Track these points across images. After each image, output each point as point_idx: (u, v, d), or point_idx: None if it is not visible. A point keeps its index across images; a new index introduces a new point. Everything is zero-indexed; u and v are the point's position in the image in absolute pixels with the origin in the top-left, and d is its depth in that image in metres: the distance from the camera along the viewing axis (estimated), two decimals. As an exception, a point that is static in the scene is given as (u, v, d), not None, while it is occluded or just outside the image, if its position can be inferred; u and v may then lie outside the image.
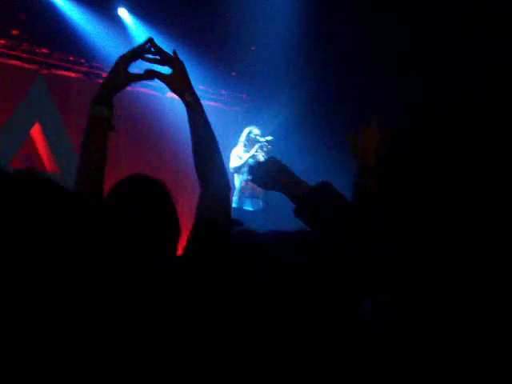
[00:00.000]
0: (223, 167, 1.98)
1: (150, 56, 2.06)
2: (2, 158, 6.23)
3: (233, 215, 2.19)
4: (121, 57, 2.04)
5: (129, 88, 2.09)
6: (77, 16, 7.29)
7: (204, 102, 2.08)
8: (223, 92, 8.85)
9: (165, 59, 2.04)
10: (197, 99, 2.01)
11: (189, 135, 1.96)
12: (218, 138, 2.04)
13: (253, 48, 8.41)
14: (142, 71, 2.06)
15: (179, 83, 2.01)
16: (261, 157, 6.79)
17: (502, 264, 0.95)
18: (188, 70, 2.03)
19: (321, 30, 7.67)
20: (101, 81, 7.54)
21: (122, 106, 4.52)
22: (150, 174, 1.86)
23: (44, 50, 7.29)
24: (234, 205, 6.37)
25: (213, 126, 2.04)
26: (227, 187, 1.96)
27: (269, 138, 7.00)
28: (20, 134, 7.11)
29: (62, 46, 7.37)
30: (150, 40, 2.04)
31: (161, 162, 8.22)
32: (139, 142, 7.98)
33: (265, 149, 6.89)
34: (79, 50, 7.46)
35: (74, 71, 7.63)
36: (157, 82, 2.11)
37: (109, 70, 7.48)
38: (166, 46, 2.05)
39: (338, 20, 7.53)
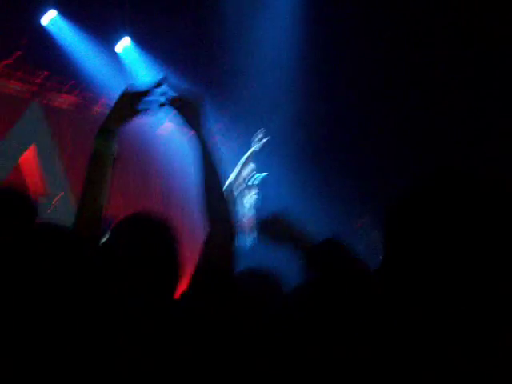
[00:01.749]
0: (230, 209, 1.91)
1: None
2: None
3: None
4: (128, 89, 1.95)
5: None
6: (77, 45, 7.35)
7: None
8: (219, 125, 8.87)
9: (180, 96, 1.96)
10: (210, 135, 1.95)
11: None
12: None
13: (251, 86, 8.48)
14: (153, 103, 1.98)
15: (192, 118, 1.95)
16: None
17: None
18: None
19: (318, 71, 7.76)
20: (96, 109, 7.72)
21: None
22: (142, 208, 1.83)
23: (42, 76, 7.31)
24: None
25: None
26: (233, 233, 1.89)
27: (263, 174, 6.96)
28: (11, 157, 7.08)
29: (60, 73, 7.42)
30: (165, 79, 1.96)
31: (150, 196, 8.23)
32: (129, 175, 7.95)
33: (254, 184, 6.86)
34: (77, 78, 7.50)
35: (69, 99, 7.65)
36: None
37: (104, 99, 7.42)
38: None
39: (335, 62, 7.65)
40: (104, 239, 1.73)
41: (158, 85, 1.95)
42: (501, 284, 1.00)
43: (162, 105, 1.96)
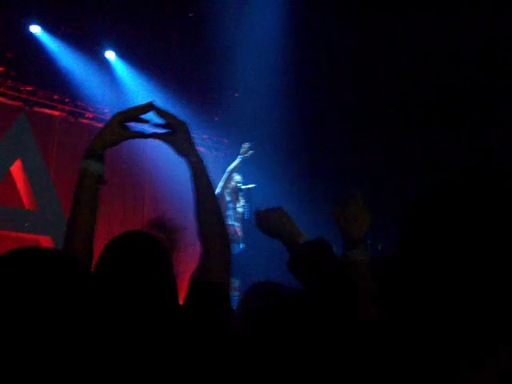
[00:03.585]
0: (225, 231, 1.94)
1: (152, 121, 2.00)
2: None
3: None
4: (118, 113, 1.98)
5: None
6: (64, 56, 7.36)
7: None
8: (205, 136, 8.93)
9: (167, 121, 1.99)
10: (200, 160, 1.97)
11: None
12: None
13: (236, 95, 8.54)
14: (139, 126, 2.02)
15: (182, 144, 1.97)
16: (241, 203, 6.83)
17: None
18: (172, 112, 2.01)
19: (302, 80, 7.81)
20: (84, 120, 7.73)
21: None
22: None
23: (28, 88, 7.32)
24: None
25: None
26: (229, 252, 1.92)
27: (251, 185, 7.00)
28: (-1, 170, 7.08)
29: (47, 85, 7.42)
30: (151, 104, 1.98)
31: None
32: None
33: (245, 196, 6.91)
34: (64, 89, 7.50)
35: (58, 110, 7.65)
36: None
37: (93, 109, 7.39)
38: (152, 89, 2.00)
39: (319, 71, 7.70)
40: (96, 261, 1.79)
41: (145, 110, 1.98)
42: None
43: (148, 136, 2.00)
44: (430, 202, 1.07)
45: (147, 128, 2.02)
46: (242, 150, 6.90)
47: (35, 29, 7.13)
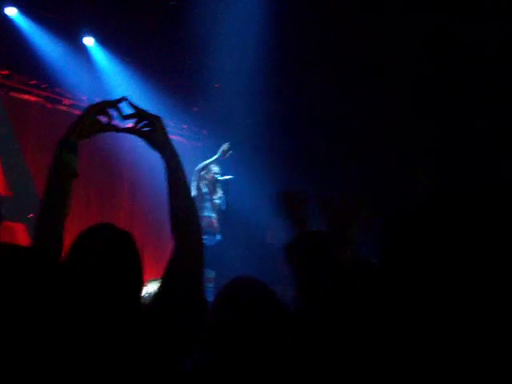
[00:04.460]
0: (198, 223, 1.95)
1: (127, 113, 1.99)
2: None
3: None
4: (92, 105, 1.97)
5: None
6: (41, 40, 7.24)
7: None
8: (184, 126, 8.89)
9: (142, 116, 1.99)
10: (175, 154, 1.98)
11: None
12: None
13: (216, 85, 8.50)
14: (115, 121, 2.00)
15: (159, 139, 1.97)
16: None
17: None
18: (151, 101, 2.00)
19: (283, 72, 7.81)
20: (62, 107, 7.62)
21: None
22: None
23: (4, 72, 7.20)
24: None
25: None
26: (201, 244, 1.92)
27: (228, 177, 6.98)
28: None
29: (24, 70, 7.30)
30: (124, 99, 1.98)
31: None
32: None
33: (223, 186, 6.90)
34: (41, 75, 7.38)
35: (35, 95, 7.54)
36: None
37: (71, 96, 7.30)
38: (131, 77, 1.99)
39: (300, 63, 7.70)
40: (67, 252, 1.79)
41: (119, 102, 1.98)
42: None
43: (121, 130, 1.99)
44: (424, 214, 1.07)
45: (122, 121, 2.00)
46: (220, 150, 6.88)
47: (11, 11, 6.98)
